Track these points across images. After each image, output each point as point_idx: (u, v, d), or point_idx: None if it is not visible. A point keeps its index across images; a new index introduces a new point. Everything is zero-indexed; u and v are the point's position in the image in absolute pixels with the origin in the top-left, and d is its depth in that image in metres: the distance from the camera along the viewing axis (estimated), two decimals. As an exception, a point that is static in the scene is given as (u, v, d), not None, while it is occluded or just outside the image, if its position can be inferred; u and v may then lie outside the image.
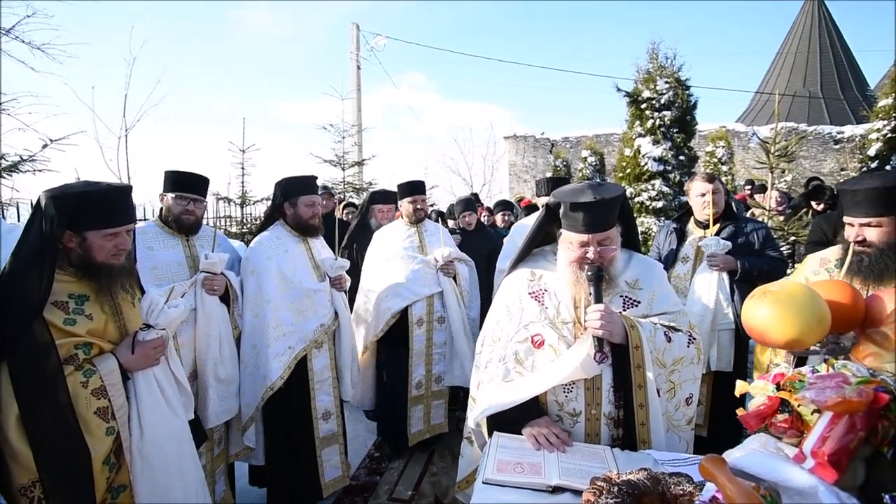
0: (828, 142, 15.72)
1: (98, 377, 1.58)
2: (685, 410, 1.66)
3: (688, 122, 6.67)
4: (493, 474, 1.37)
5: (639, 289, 1.71)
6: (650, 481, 1.15)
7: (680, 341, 1.61)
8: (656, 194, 6.36)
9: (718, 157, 12.25)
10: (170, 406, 1.78)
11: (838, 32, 22.79)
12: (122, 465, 1.67)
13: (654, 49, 6.74)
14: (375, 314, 3.27)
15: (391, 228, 3.54)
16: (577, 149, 16.82)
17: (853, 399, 0.67)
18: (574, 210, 1.59)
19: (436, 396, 3.47)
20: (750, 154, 14.55)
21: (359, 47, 13.57)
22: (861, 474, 0.70)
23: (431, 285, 3.29)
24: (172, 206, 2.41)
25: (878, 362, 0.85)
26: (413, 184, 3.47)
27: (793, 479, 0.65)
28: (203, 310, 2.31)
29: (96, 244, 1.61)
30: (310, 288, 2.72)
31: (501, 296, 1.85)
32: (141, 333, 1.71)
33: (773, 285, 1.05)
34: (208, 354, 2.35)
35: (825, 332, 0.98)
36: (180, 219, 2.41)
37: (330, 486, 2.84)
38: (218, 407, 2.42)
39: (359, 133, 12.09)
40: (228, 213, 6.92)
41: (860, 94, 20.26)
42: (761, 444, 0.82)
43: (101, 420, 1.58)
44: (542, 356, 1.63)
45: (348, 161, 9.64)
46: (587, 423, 1.60)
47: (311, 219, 2.79)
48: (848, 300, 1.00)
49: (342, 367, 2.90)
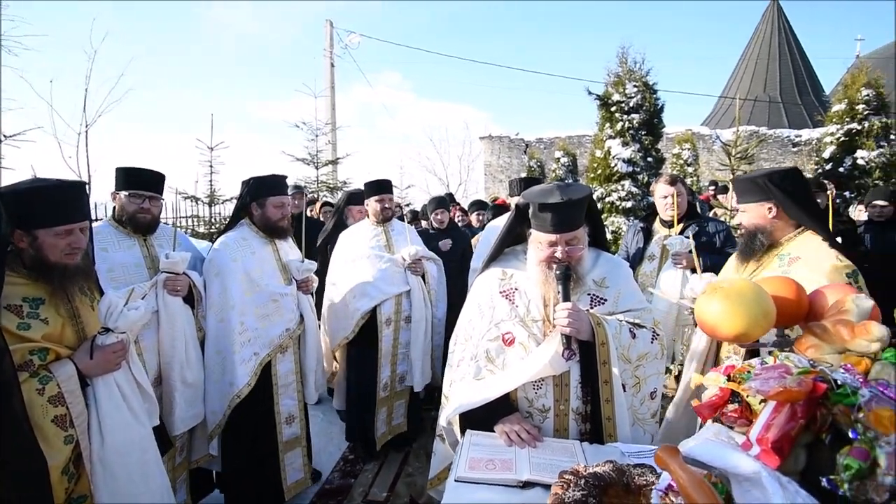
0: (786, 144, 16.46)
1: (55, 384, 1.52)
2: (650, 404, 1.71)
3: (655, 125, 6.88)
4: (465, 472, 1.39)
5: (605, 287, 1.76)
6: (615, 473, 1.19)
7: (644, 338, 1.67)
8: (626, 194, 6.53)
9: (684, 159, 12.67)
10: (132, 413, 1.73)
11: (796, 40, 23.87)
12: (81, 475, 1.61)
13: (624, 53, 6.93)
14: (345, 315, 3.22)
15: (357, 229, 3.49)
16: (551, 150, 17.08)
17: (793, 388, 0.71)
18: (542, 210, 1.63)
19: (398, 397, 3.44)
20: (714, 156, 15.10)
21: (332, 45, 13.41)
22: (802, 460, 0.75)
23: (400, 284, 3.27)
24: (126, 205, 2.30)
25: (818, 354, 0.91)
26: (380, 182, 3.41)
27: (739, 465, 0.69)
28: (166, 312, 2.23)
29: (48, 243, 1.55)
30: (276, 292, 2.66)
31: (473, 295, 1.87)
32: (100, 337, 1.64)
33: (723, 282, 1.11)
34: (174, 357, 2.28)
35: (771, 325, 1.04)
36: (135, 218, 2.30)
37: (292, 489, 2.80)
38: (185, 412, 2.36)
39: (333, 131, 11.94)
40: (196, 213, 6.73)
41: (816, 100, 21.29)
42: (714, 433, 0.86)
43: (59, 428, 1.52)
44: (513, 354, 1.66)
45: (322, 160, 9.50)
46: (556, 419, 1.64)
47: (279, 220, 2.71)
48: (792, 295, 1.06)
49: (307, 370, 2.85)
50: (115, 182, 2.33)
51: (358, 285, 3.20)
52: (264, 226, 2.71)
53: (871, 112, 7.86)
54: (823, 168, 8.27)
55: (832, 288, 1.06)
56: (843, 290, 1.04)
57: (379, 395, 3.29)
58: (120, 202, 2.32)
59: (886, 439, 0.63)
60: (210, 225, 6.68)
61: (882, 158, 7.66)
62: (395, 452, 3.44)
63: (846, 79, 8.48)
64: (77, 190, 1.67)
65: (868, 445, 0.65)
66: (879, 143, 7.80)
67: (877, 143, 7.77)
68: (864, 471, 0.64)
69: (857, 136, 7.87)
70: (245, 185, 2.72)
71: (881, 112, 7.94)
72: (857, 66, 8.78)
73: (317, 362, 2.91)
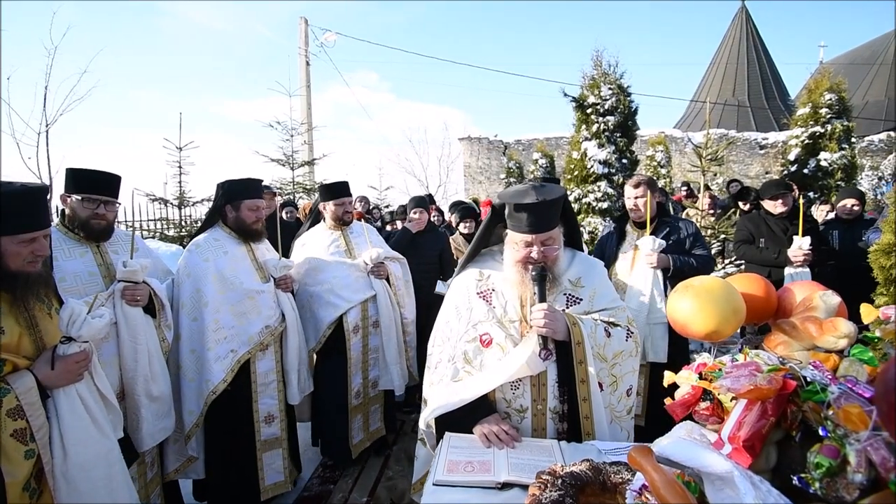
0: (754, 147, 17.02)
1: (13, 396, 1.45)
2: (626, 402, 1.73)
3: (629, 128, 7.00)
4: (443, 475, 1.37)
5: (581, 286, 1.77)
6: (592, 472, 1.19)
7: (619, 336, 1.68)
8: (602, 195, 6.62)
9: (658, 161, 12.96)
10: (96, 425, 1.66)
11: (764, 46, 24.71)
12: (44, 491, 1.54)
13: (599, 56, 7.03)
14: (311, 326, 3.08)
15: (312, 235, 3.30)
16: (529, 151, 17.25)
17: (763, 386, 0.72)
18: (518, 211, 1.63)
19: (373, 402, 3.36)
20: (686, 158, 15.49)
21: (307, 43, 13.23)
22: (773, 457, 0.76)
23: (364, 290, 3.15)
24: (79, 210, 2.10)
25: (787, 351, 0.92)
26: (339, 185, 3.27)
27: (711, 465, 0.69)
28: (126, 323, 2.08)
29: (11, 251, 1.48)
30: (252, 289, 2.60)
31: (451, 296, 1.86)
32: (61, 347, 1.57)
33: (694, 280, 1.12)
34: (137, 371, 2.14)
35: (740, 322, 1.06)
36: (89, 224, 2.12)
37: (269, 490, 2.74)
38: (153, 427, 2.23)
39: (309, 132, 11.78)
40: (165, 216, 6.52)
41: (782, 104, 22.10)
42: (687, 431, 0.87)
43: (19, 443, 1.46)
44: (490, 355, 1.65)
45: (298, 160, 9.36)
46: (534, 419, 1.64)
47: (254, 223, 2.68)
48: (762, 293, 1.08)
49: (288, 369, 2.79)
50: (66, 184, 2.14)
51: (320, 294, 3.07)
52: (238, 228, 2.67)
53: (834, 116, 8.18)
54: (789, 170, 8.57)
55: (799, 286, 1.08)
56: (812, 287, 1.07)
57: (351, 403, 3.19)
58: (71, 206, 2.13)
59: (855, 436, 0.64)
60: (180, 228, 6.49)
61: (843, 160, 7.98)
62: (375, 457, 3.39)
63: (810, 83, 8.80)
64: (40, 195, 1.60)
65: (838, 443, 0.66)
66: (841, 146, 8.12)
67: (839, 146, 8.10)
68: (834, 468, 0.65)
69: (821, 139, 8.17)
70: (220, 187, 2.68)
71: (843, 116, 8.28)
72: (820, 71, 9.11)
73: (300, 361, 2.85)
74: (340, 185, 3.29)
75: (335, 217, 3.25)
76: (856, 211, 4.26)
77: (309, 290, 3.12)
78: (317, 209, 4.15)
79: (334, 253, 3.19)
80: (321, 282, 3.10)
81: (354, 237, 3.30)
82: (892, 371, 0.57)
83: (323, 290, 3.09)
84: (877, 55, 22.27)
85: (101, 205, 2.14)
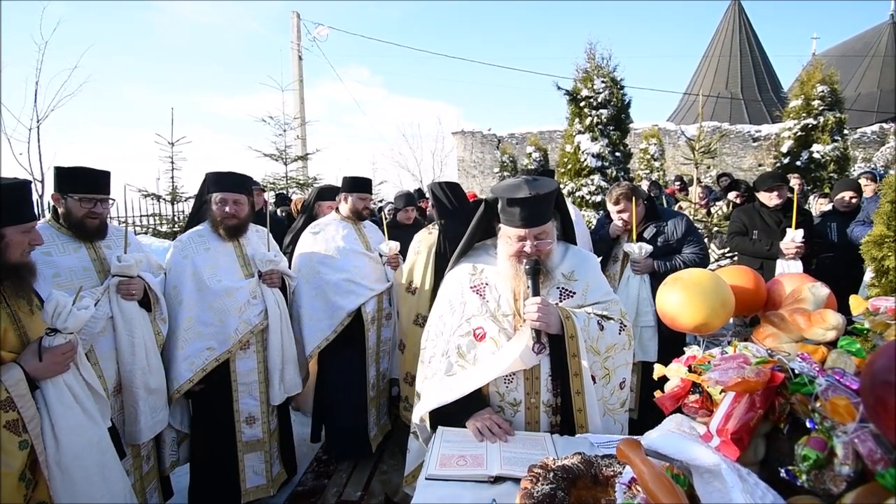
0: (747, 140, 17.07)
1: (3, 388, 1.47)
2: (619, 395, 1.74)
3: (623, 121, 7.00)
4: (435, 469, 1.37)
5: (574, 280, 1.77)
6: (583, 465, 1.19)
7: (612, 329, 1.69)
8: (595, 189, 6.63)
9: (651, 154, 12.98)
10: (86, 414, 1.68)
11: (756, 38, 24.72)
12: (39, 481, 1.57)
13: (592, 49, 7.01)
14: (325, 314, 3.00)
15: (324, 225, 3.22)
16: (523, 145, 17.22)
17: (752, 379, 0.72)
18: (511, 205, 1.62)
19: (383, 395, 3.40)
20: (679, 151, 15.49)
21: (300, 37, 13.09)
22: (761, 450, 0.76)
23: (382, 280, 3.19)
24: (75, 209, 2.10)
25: (776, 343, 0.92)
26: (363, 180, 3.25)
27: (700, 458, 0.69)
28: (122, 318, 2.11)
29: (15, 240, 1.56)
30: (230, 286, 2.53)
31: (444, 290, 1.86)
32: (47, 339, 1.58)
33: (683, 273, 1.12)
34: (135, 364, 2.17)
35: (729, 315, 1.06)
36: (84, 223, 2.11)
37: (250, 493, 2.70)
38: (150, 420, 2.26)
39: (302, 126, 11.69)
40: (157, 211, 6.46)
41: (775, 96, 22.14)
42: (676, 424, 0.87)
43: (13, 434, 1.48)
44: (484, 349, 1.65)
45: (291, 155, 9.29)
46: (527, 412, 1.64)
47: (225, 218, 2.53)
48: (751, 285, 1.08)
49: (272, 368, 2.70)
50: (58, 184, 2.12)
51: (339, 282, 3.01)
52: (213, 222, 2.58)
53: (826, 108, 8.22)
54: (781, 162, 8.60)
55: (788, 278, 1.09)
56: (801, 279, 1.07)
57: (369, 396, 3.19)
58: (65, 206, 2.11)
59: (843, 428, 0.64)
60: (173, 224, 6.44)
61: (836, 152, 8.02)
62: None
63: (802, 76, 8.83)
64: (29, 188, 1.73)
65: (825, 435, 0.66)
66: (834, 138, 8.16)
67: (831, 138, 8.14)
68: (821, 461, 0.65)
69: (813, 131, 8.21)
70: (203, 180, 2.66)
71: (835, 108, 8.31)
72: (812, 63, 9.14)
73: (283, 361, 2.76)
74: (365, 181, 3.29)
75: (354, 210, 3.22)
76: (853, 203, 4.27)
77: (325, 277, 3.01)
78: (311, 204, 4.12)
79: (352, 243, 3.15)
80: (341, 269, 3.03)
81: (368, 231, 3.33)
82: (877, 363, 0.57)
83: (342, 279, 3.01)
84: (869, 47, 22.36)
85: (96, 203, 2.15)
